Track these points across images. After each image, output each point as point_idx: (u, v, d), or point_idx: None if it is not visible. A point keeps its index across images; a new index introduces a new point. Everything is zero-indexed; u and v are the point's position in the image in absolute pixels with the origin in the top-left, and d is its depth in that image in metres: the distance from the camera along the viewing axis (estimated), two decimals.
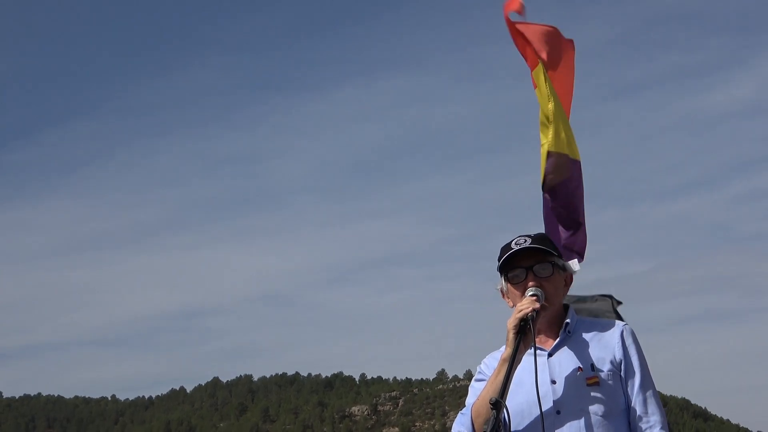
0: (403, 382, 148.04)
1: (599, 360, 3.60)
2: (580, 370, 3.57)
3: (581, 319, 3.77)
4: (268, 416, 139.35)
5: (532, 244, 3.64)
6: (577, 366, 3.58)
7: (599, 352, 3.62)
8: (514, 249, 3.64)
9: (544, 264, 3.65)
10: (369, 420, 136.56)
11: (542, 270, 3.65)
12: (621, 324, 3.73)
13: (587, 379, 3.55)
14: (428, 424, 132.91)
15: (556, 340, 3.66)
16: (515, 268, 3.66)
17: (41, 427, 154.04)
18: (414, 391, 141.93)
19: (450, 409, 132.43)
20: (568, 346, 3.65)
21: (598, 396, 3.55)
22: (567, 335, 3.67)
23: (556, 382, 3.58)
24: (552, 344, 3.66)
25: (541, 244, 3.65)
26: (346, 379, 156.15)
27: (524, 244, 3.63)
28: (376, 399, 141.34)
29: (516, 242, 3.66)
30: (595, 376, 3.56)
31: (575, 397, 3.55)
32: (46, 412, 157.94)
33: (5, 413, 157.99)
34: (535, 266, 3.64)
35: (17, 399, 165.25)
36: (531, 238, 3.67)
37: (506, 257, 3.65)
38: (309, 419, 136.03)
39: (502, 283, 3.73)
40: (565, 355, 3.62)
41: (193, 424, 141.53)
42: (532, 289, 3.65)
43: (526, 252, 3.64)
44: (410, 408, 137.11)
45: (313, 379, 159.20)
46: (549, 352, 3.65)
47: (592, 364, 3.58)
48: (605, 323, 3.76)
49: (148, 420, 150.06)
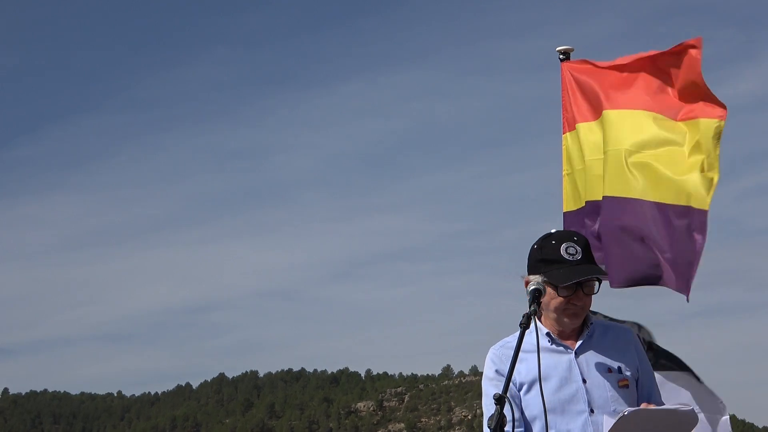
0: (409, 378, 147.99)
1: (624, 363, 3.71)
2: (611, 372, 3.68)
3: (595, 320, 3.83)
4: (274, 412, 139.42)
5: (584, 261, 3.65)
6: (607, 367, 3.68)
7: (621, 356, 3.73)
8: (569, 260, 3.64)
9: (595, 283, 3.70)
10: (375, 416, 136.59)
11: (592, 289, 3.70)
12: (630, 329, 3.88)
13: (619, 381, 3.67)
14: (434, 420, 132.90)
15: (579, 340, 3.73)
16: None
17: (47, 423, 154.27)
18: (420, 386, 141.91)
19: (456, 405, 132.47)
20: (591, 347, 3.73)
21: (628, 397, 3.66)
22: (589, 335, 3.74)
23: (587, 381, 3.66)
24: (576, 344, 3.73)
25: (592, 260, 3.68)
26: (351, 375, 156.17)
27: (576, 255, 3.65)
28: (382, 395, 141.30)
29: (568, 250, 3.66)
30: (626, 378, 3.68)
31: (608, 398, 3.64)
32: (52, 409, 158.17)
33: (11, 409, 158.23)
34: (586, 286, 3.68)
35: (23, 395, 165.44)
36: (580, 247, 3.67)
37: (562, 270, 3.62)
38: (315, 415, 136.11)
39: (539, 280, 3.68)
40: (592, 356, 3.71)
41: (199, 420, 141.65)
42: (534, 284, 3.67)
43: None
44: (416, 404, 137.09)
45: (319, 375, 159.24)
46: (575, 350, 3.71)
47: (620, 367, 3.69)
48: (615, 326, 3.90)
49: (153, 416, 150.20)
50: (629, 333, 3.84)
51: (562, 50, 5.68)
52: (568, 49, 5.68)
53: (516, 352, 3.51)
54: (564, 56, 5.66)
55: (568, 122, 5.45)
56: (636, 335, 3.86)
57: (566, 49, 5.68)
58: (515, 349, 3.49)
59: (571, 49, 5.68)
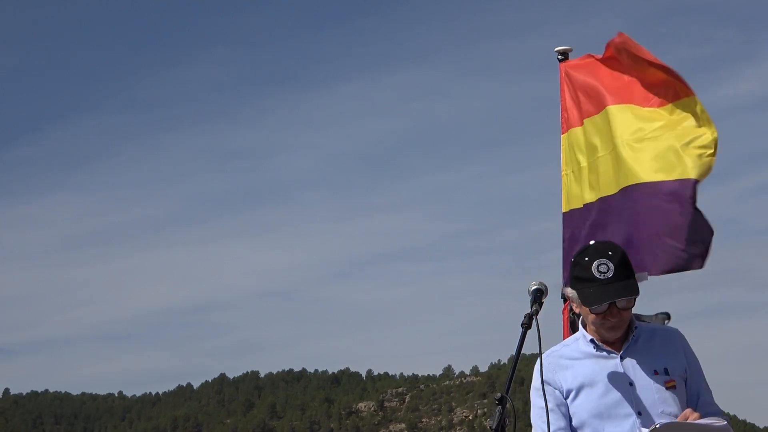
0: (410, 378, 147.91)
1: (671, 364, 3.69)
2: (657, 374, 3.67)
3: (638, 324, 3.81)
4: (275, 412, 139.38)
5: (616, 278, 3.59)
6: (654, 369, 3.67)
7: (667, 358, 3.71)
8: (599, 279, 3.59)
9: (629, 299, 3.65)
10: (376, 416, 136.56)
11: (624, 305, 3.65)
12: (677, 330, 3.83)
13: (666, 382, 3.66)
14: (435, 420, 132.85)
15: (626, 343, 3.72)
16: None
17: (48, 423, 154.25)
18: (420, 387, 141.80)
19: (457, 405, 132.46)
20: (637, 350, 3.72)
21: (676, 399, 3.65)
22: (634, 338, 3.73)
23: (633, 384, 3.65)
24: (621, 348, 3.72)
25: (625, 275, 3.61)
26: (352, 376, 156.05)
27: (608, 273, 3.59)
28: (383, 395, 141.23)
29: (599, 268, 3.61)
30: (673, 379, 3.67)
31: (655, 400, 3.63)
32: (53, 409, 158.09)
33: (12, 410, 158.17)
34: (620, 302, 3.64)
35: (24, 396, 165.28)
36: (613, 263, 3.61)
37: (592, 290, 3.59)
38: (316, 415, 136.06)
39: (573, 295, 3.70)
40: (638, 359, 3.69)
41: (200, 420, 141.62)
42: (535, 284, 3.68)
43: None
44: (417, 404, 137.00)
45: (320, 375, 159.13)
46: (621, 355, 3.71)
47: (666, 368, 3.68)
48: (662, 328, 3.87)
49: (155, 416, 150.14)
50: (676, 334, 3.81)
51: (560, 50, 5.69)
52: (567, 49, 5.69)
53: (517, 353, 3.52)
54: (562, 56, 5.67)
55: (566, 122, 5.46)
56: (681, 333, 3.82)
57: (565, 49, 5.69)
58: (517, 350, 3.51)
59: (570, 50, 5.69)
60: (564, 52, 5.68)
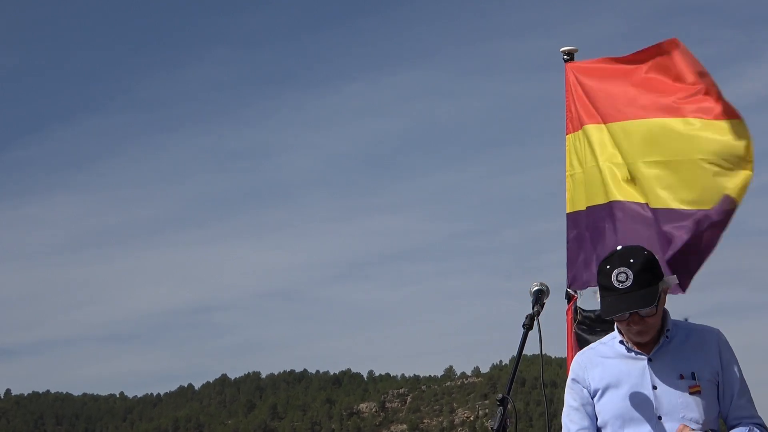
0: (411, 379, 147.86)
1: (700, 368, 3.63)
2: (682, 378, 3.61)
3: (677, 324, 3.75)
4: (276, 413, 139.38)
5: (635, 287, 3.53)
6: (679, 373, 3.62)
7: (699, 360, 3.65)
8: (618, 289, 3.54)
9: (649, 308, 3.57)
10: (377, 417, 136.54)
11: (647, 313, 3.59)
12: (716, 331, 3.74)
13: (690, 387, 3.61)
14: (436, 421, 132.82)
15: (656, 345, 3.67)
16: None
17: (50, 424, 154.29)
18: (422, 388, 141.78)
19: (458, 406, 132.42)
20: (667, 352, 3.66)
21: (699, 404, 3.59)
22: (666, 341, 3.68)
23: (657, 387, 3.62)
24: (652, 349, 3.67)
25: (647, 283, 3.55)
26: (354, 376, 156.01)
27: (626, 282, 3.53)
28: (384, 396, 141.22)
29: (618, 277, 3.55)
30: (697, 384, 3.61)
31: (677, 404, 3.59)
32: (55, 410, 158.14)
33: (14, 410, 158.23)
34: (640, 311, 3.57)
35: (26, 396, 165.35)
36: (633, 272, 3.54)
37: (610, 299, 3.55)
38: (317, 416, 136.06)
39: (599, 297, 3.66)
40: (667, 361, 3.65)
41: (202, 421, 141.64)
42: (537, 285, 3.68)
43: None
44: (418, 405, 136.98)
45: (321, 376, 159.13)
46: (649, 357, 3.66)
47: (693, 372, 3.62)
48: (701, 329, 3.76)
49: (156, 417, 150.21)
50: (713, 334, 3.72)
51: (566, 51, 5.67)
52: (572, 49, 5.67)
53: (519, 354, 3.51)
54: (568, 57, 5.65)
55: (572, 123, 5.43)
56: (720, 335, 3.72)
57: (570, 49, 5.67)
58: (518, 350, 3.50)
59: (575, 50, 5.67)
60: (569, 53, 5.66)
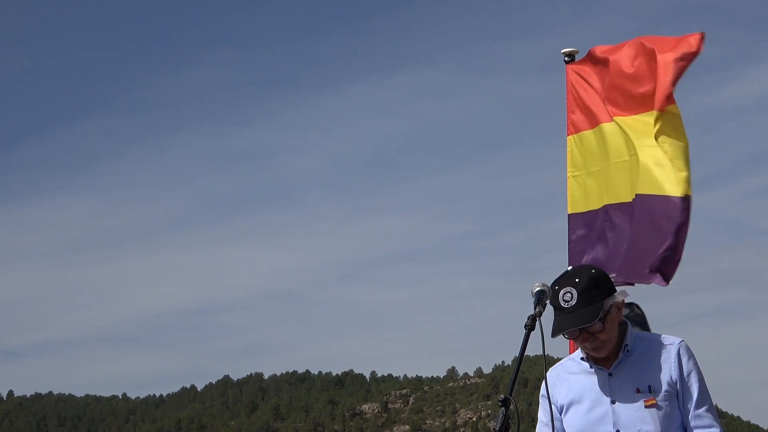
0: (414, 380, 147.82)
1: (657, 380, 3.68)
2: (639, 392, 3.66)
3: (639, 336, 3.80)
4: (279, 414, 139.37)
5: (578, 306, 3.59)
6: (636, 388, 3.67)
7: (657, 372, 3.69)
8: (563, 308, 3.61)
9: (596, 324, 3.62)
10: (379, 418, 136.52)
11: (594, 328, 3.63)
12: (677, 341, 3.77)
13: (645, 401, 3.65)
14: (439, 422, 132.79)
15: (616, 359, 3.72)
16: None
17: (52, 425, 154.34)
18: (424, 388, 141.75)
19: (461, 407, 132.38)
20: (627, 366, 3.71)
21: (656, 417, 3.64)
22: (626, 354, 3.72)
23: (615, 402, 3.68)
24: (612, 363, 3.72)
25: (590, 301, 3.60)
26: (356, 377, 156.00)
27: (571, 301, 3.60)
28: (387, 397, 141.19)
29: (564, 297, 3.62)
30: (653, 398, 3.66)
31: (634, 418, 3.64)
32: (57, 411, 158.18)
33: (16, 412, 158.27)
34: (588, 327, 3.63)
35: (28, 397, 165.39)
36: (577, 291, 3.61)
37: (557, 318, 3.62)
38: (319, 417, 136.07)
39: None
40: (625, 376, 3.70)
41: (204, 422, 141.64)
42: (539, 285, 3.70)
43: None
44: (421, 406, 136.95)
45: (324, 377, 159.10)
46: (609, 371, 3.72)
47: (650, 386, 3.67)
48: (662, 340, 3.79)
49: (159, 418, 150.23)
50: (673, 346, 3.75)
51: (567, 52, 5.68)
52: (573, 51, 5.68)
53: (521, 355, 3.53)
54: (569, 58, 5.66)
55: (573, 124, 5.44)
56: (681, 345, 3.74)
57: (571, 51, 5.68)
58: (520, 351, 3.52)
59: (576, 51, 5.68)
60: (570, 54, 5.68)
